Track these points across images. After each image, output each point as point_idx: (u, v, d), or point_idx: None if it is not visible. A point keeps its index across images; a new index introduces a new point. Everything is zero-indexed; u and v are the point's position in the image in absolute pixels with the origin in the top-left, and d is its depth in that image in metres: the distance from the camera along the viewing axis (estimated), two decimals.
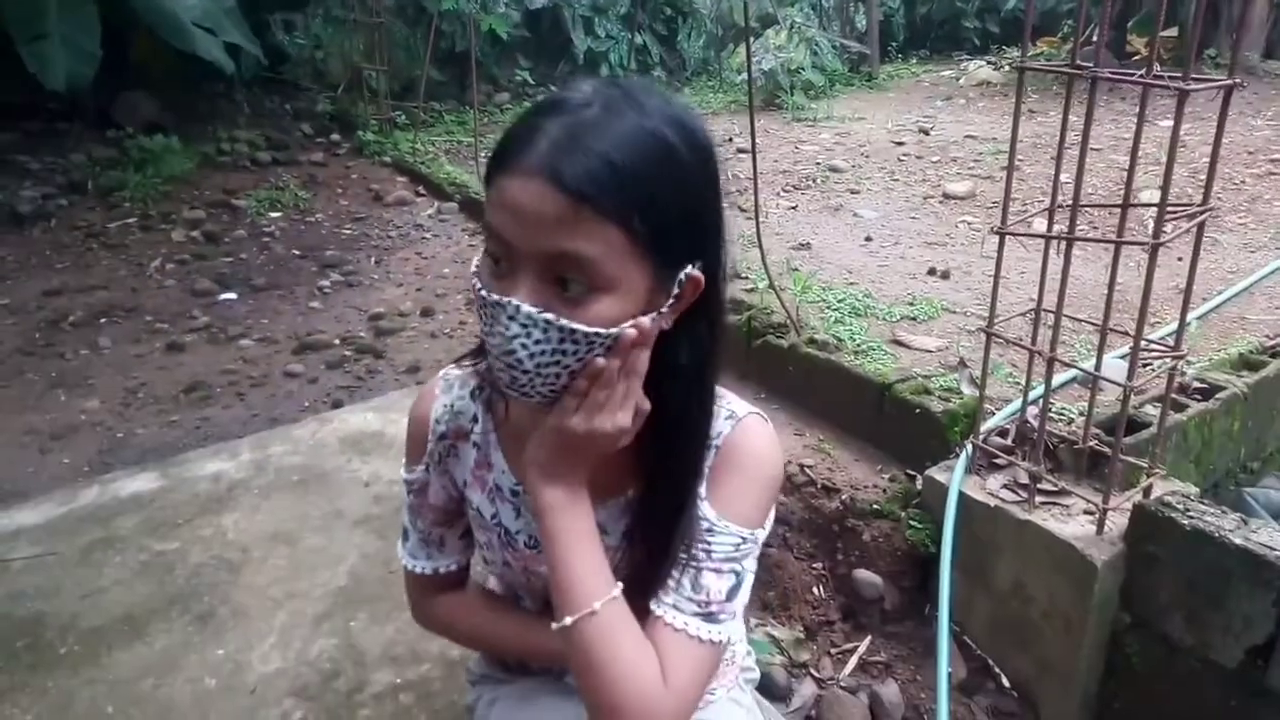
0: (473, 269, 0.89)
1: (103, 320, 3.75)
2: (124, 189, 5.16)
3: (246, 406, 3.06)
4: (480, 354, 1.07)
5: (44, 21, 4.97)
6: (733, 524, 0.97)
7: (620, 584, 0.93)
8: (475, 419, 1.08)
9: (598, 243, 0.80)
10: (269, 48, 6.83)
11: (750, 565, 1.00)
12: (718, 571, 0.97)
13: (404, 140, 6.60)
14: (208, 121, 6.27)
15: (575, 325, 0.82)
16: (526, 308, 0.82)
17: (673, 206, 0.84)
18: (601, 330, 0.84)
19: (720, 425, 1.01)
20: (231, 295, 4.07)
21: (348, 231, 5.05)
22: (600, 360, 0.85)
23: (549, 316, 0.82)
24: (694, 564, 0.96)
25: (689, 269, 0.88)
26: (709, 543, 0.97)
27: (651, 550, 0.98)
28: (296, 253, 4.67)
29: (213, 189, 5.44)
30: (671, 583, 0.96)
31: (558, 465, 0.91)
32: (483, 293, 0.85)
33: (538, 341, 0.83)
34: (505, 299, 0.82)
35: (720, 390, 1.05)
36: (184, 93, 6.30)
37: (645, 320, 0.86)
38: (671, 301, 0.88)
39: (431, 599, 1.19)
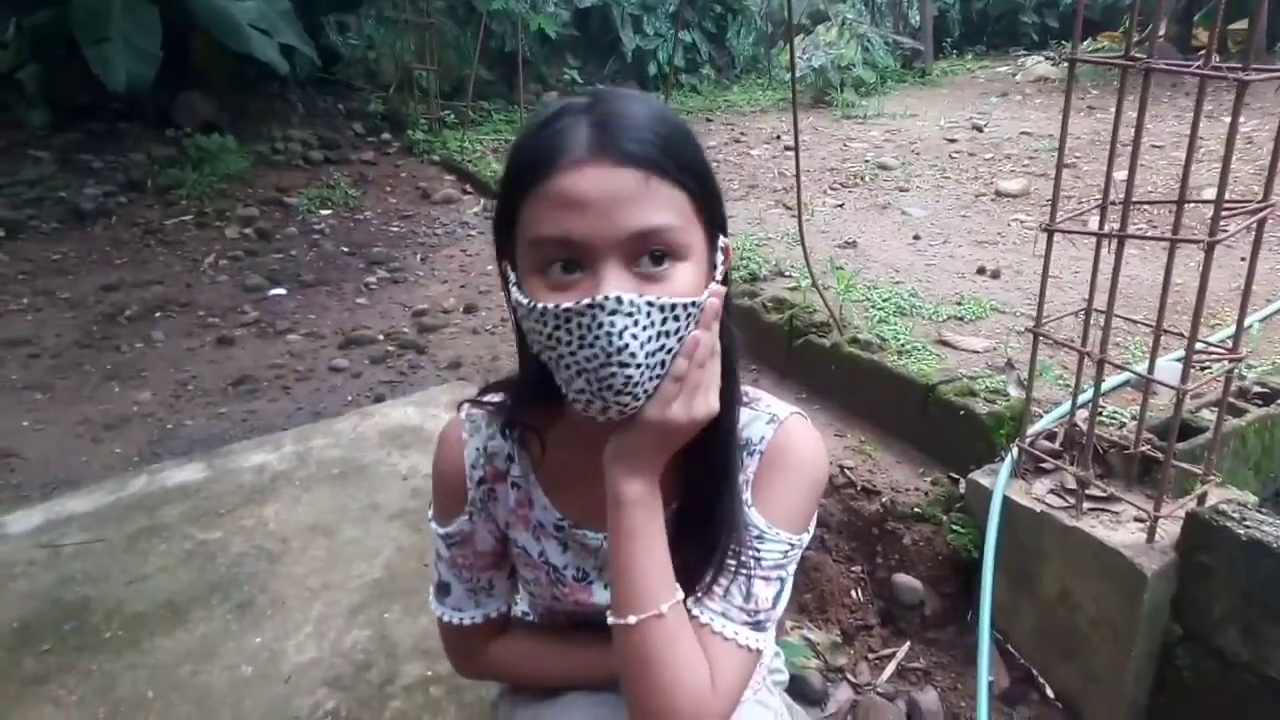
0: (519, 301, 0.84)
1: (157, 314, 3.85)
2: (181, 187, 5.31)
3: (292, 400, 3.11)
4: (499, 389, 1.05)
5: (107, 25, 5.13)
6: (782, 530, 0.96)
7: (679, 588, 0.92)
8: (510, 458, 1.04)
9: (671, 210, 0.81)
10: (322, 49, 6.96)
11: (792, 570, 0.99)
12: (766, 579, 0.96)
13: (453, 139, 6.67)
14: (262, 121, 6.41)
15: (675, 300, 0.81)
16: (628, 295, 0.78)
17: (705, 174, 0.87)
18: (696, 299, 0.83)
19: (762, 429, 0.99)
20: (281, 291, 4.14)
21: (395, 229, 5.12)
22: (699, 333, 0.84)
23: (650, 298, 0.80)
24: (744, 571, 0.95)
25: (724, 239, 0.90)
26: (758, 550, 0.95)
27: (696, 559, 0.96)
28: (345, 250, 4.75)
29: (266, 187, 5.56)
30: (719, 590, 0.95)
31: (647, 459, 0.88)
32: (565, 307, 0.79)
33: (645, 328, 0.80)
34: (599, 298, 0.78)
35: (757, 392, 1.03)
36: (240, 93, 6.45)
37: (717, 285, 0.87)
38: (720, 271, 0.89)
39: (482, 648, 1.14)
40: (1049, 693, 2.02)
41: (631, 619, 0.87)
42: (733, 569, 0.95)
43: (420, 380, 3.26)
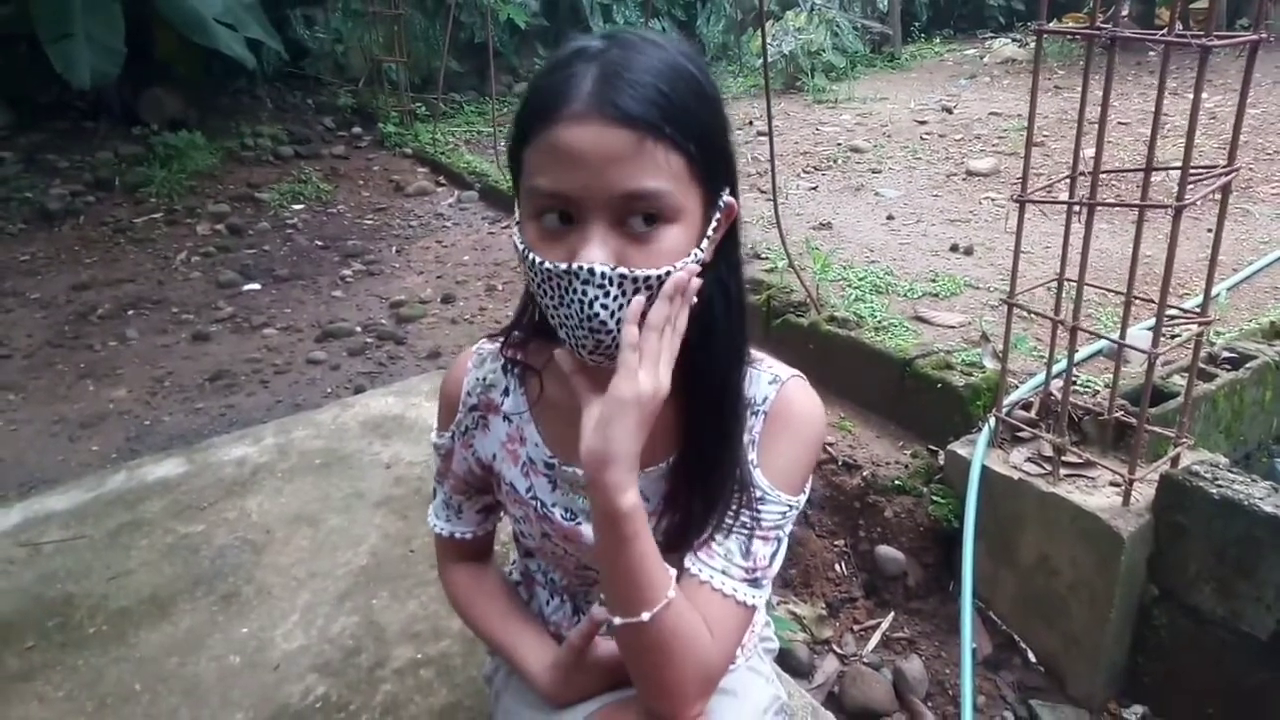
0: (518, 244, 0.86)
1: (130, 312, 3.81)
2: (150, 185, 5.24)
3: (270, 393, 3.09)
4: (513, 329, 1.06)
5: (69, 20, 5.04)
6: (783, 493, 0.98)
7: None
8: (507, 392, 1.08)
9: (665, 173, 0.80)
10: (290, 43, 6.88)
11: (789, 529, 1.01)
12: (765, 539, 0.97)
13: (424, 131, 6.63)
14: (231, 117, 6.33)
15: (650, 272, 0.81)
16: (600, 268, 0.79)
17: (712, 132, 0.85)
18: (669, 270, 0.82)
19: (765, 389, 1.00)
20: (255, 286, 4.11)
21: (369, 222, 5.09)
22: (639, 299, 0.82)
23: (623, 271, 0.80)
24: (744, 531, 0.96)
25: (726, 195, 0.89)
26: (759, 511, 0.97)
27: (691, 514, 0.97)
28: (319, 243, 4.72)
29: (236, 183, 5.51)
30: (719, 548, 0.96)
31: (628, 455, 0.83)
32: (546, 266, 0.81)
33: (616, 298, 0.81)
34: (576, 265, 0.80)
35: (759, 354, 1.04)
36: (207, 89, 6.38)
37: (692, 264, 0.84)
38: (712, 231, 0.87)
39: (449, 564, 1.22)
40: (1031, 657, 2.06)
41: (646, 616, 0.87)
42: (733, 526, 0.96)
43: (400, 371, 3.25)
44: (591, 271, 0.79)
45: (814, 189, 4.70)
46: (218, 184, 5.47)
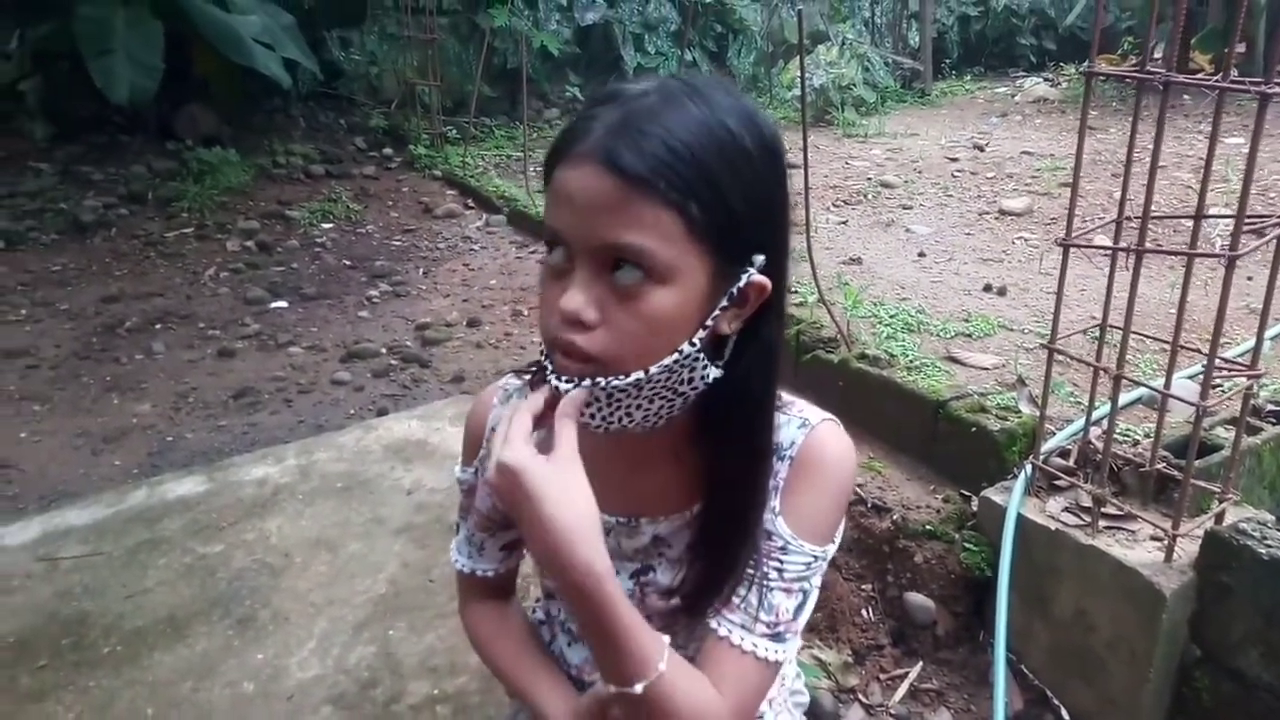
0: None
1: (157, 326, 3.82)
2: (182, 199, 5.29)
3: (294, 413, 3.07)
4: (538, 366, 1.04)
5: (111, 37, 5.13)
6: (807, 542, 0.94)
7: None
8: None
9: (650, 230, 0.76)
10: (325, 63, 6.97)
11: (817, 582, 0.97)
12: (788, 591, 0.93)
13: (455, 154, 6.67)
14: (264, 135, 6.40)
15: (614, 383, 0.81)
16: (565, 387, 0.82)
17: (736, 198, 0.80)
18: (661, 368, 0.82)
19: (793, 434, 0.97)
20: (282, 304, 4.12)
21: (397, 243, 5.10)
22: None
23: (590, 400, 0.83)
24: (765, 583, 0.93)
25: (753, 272, 0.83)
26: (781, 561, 0.93)
27: (713, 565, 0.94)
28: (347, 263, 4.73)
29: (267, 200, 5.55)
30: (738, 601, 0.93)
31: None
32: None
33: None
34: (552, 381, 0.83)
35: (790, 397, 1.01)
36: (242, 106, 6.45)
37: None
38: (725, 303, 0.83)
39: (471, 602, 1.18)
40: (1064, 715, 1.99)
41: (639, 688, 0.83)
42: (751, 578, 0.93)
43: (424, 394, 3.23)
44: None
45: (844, 223, 4.67)
46: (249, 201, 5.51)
